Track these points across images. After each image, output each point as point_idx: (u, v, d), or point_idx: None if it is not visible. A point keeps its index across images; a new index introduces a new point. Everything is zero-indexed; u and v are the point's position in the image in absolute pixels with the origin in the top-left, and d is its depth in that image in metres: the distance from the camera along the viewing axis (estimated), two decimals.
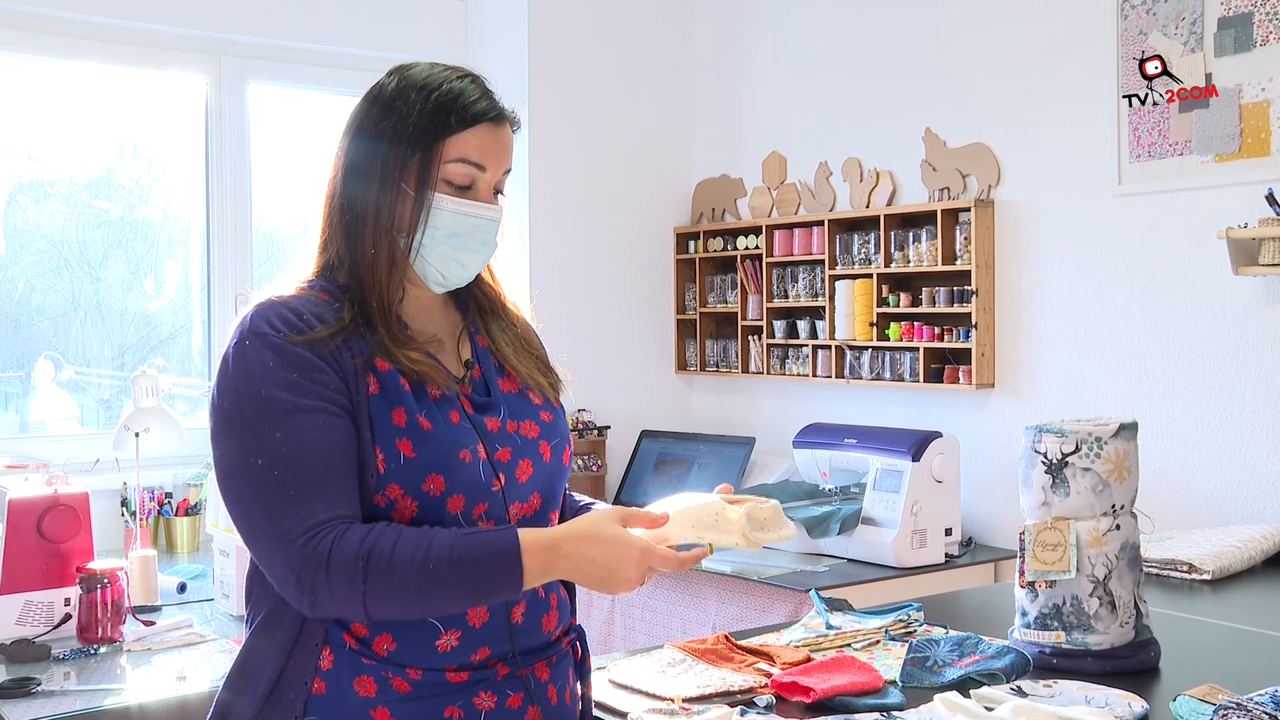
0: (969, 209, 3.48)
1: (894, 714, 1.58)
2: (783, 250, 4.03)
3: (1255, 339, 2.96)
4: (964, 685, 1.72)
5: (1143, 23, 3.13)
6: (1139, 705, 1.59)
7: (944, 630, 2.00)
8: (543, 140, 4.14)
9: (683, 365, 4.44)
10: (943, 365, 3.58)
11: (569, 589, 1.60)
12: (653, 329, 4.43)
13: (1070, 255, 3.33)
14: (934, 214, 3.58)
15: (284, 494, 1.36)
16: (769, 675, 1.78)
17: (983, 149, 3.52)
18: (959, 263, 3.52)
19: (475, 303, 1.62)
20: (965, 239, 3.50)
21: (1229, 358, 3.01)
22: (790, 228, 4.02)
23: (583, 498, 1.73)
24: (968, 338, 3.49)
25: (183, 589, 2.89)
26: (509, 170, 1.54)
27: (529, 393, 1.58)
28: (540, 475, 1.54)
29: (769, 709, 1.67)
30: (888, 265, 3.69)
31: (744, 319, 4.17)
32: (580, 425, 4.17)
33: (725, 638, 1.94)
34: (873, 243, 3.75)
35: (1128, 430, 1.85)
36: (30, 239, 3.74)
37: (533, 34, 4.13)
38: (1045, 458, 1.85)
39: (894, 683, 1.77)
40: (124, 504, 3.31)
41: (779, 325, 4.05)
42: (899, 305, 3.66)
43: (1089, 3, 3.25)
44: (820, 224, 3.90)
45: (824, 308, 3.88)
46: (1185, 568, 2.52)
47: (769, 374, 4.10)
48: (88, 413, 3.80)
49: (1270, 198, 2.79)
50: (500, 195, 1.54)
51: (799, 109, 4.10)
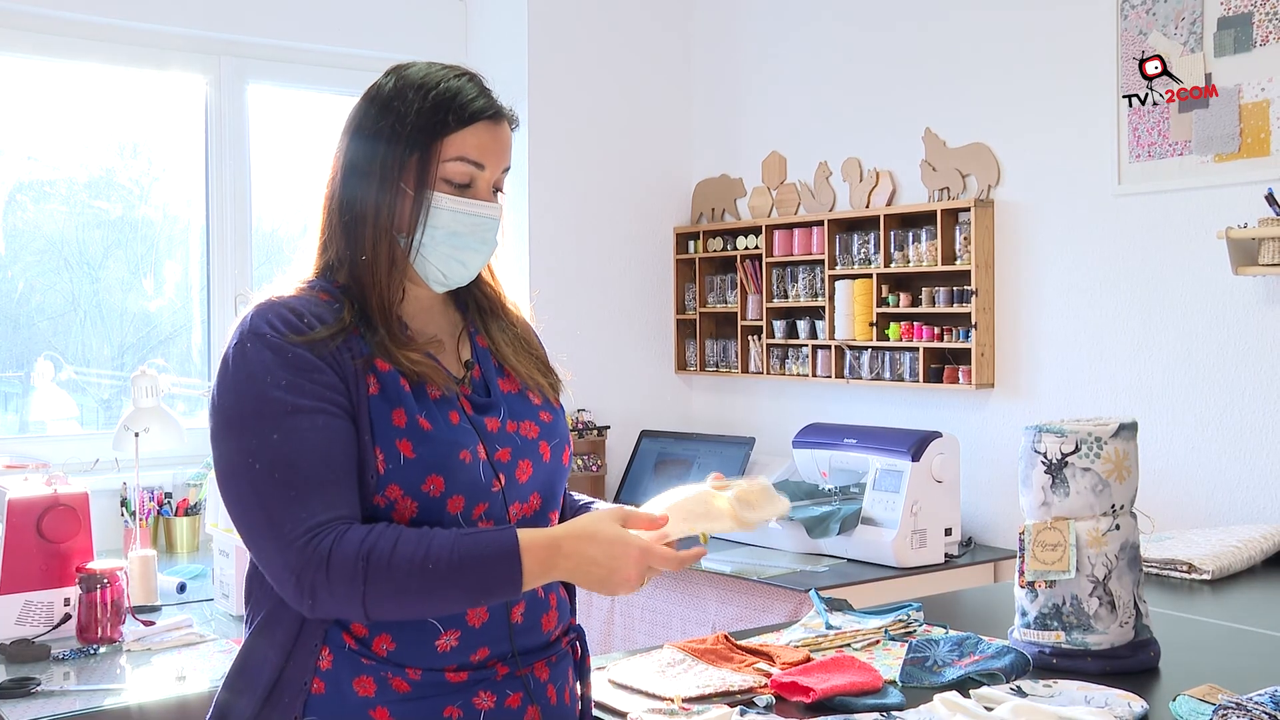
0: (969, 209, 3.48)
1: (894, 714, 1.58)
2: (782, 250, 4.03)
3: (1255, 339, 2.96)
4: (964, 685, 1.72)
5: (1142, 23, 3.13)
6: (1139, 705, 1.59)
7: (944, 630, 2.00)
8: (542, 140, 4.14)
9: (682, 365, 4.44)
10: (942, 365, 3.58)
11: (569, 589, 1.60)
12: (652, 329, 4.43)
13: (1070, 255, 3.33)
14: (934, 214, 3.58)
15: (284, 495, 1.35)
16: (769, 675, 1.78)
17: (982, 149, 3.52)
18: (959, 263, 3.52)
19: (475, 303, 1.62)
20: (965, 239, 3.50)
21: (1229, 358, 3.01)
22: (790, 228, 4.01)
23: (582, 497, 1.73)
24: (967, 338, 3.49)
25: (182, 589, 2.89)
26: (508, 168, 1.54)
27: (529, 393, 1.58)
28: (540, 475, 1.54)
29: (769, 709, 1.67)
30: (887, 265, 3.69)
31: (744, 319, 4.17)
32: (580, 425, 4.17)
33: (725, 638, 1.94)
34: (872, 243, 3.75)
35: (1127, 430, 1.85)
36: (30, 239, 3.74)
37: (532, 34, 4.13)
38: (1045, 458, 1.85)
39: (894, 683, 1.77)
40: (124, 504, 3.30)
41: (779, 325, 4.05)
42: (899, 305, 3.66)
43: (1089, 3, 3.25)
44: (820, 224, 3.90)
45: (824, 308, 3.88)
46: (1185, 568, 2.52)
47: (769, 374, 4.10)
48: (87, 413, 3.80)
49: (1270, 198, 2.79)
50: (500, 193, 1.54)
51: (799, 109, 4.10)
